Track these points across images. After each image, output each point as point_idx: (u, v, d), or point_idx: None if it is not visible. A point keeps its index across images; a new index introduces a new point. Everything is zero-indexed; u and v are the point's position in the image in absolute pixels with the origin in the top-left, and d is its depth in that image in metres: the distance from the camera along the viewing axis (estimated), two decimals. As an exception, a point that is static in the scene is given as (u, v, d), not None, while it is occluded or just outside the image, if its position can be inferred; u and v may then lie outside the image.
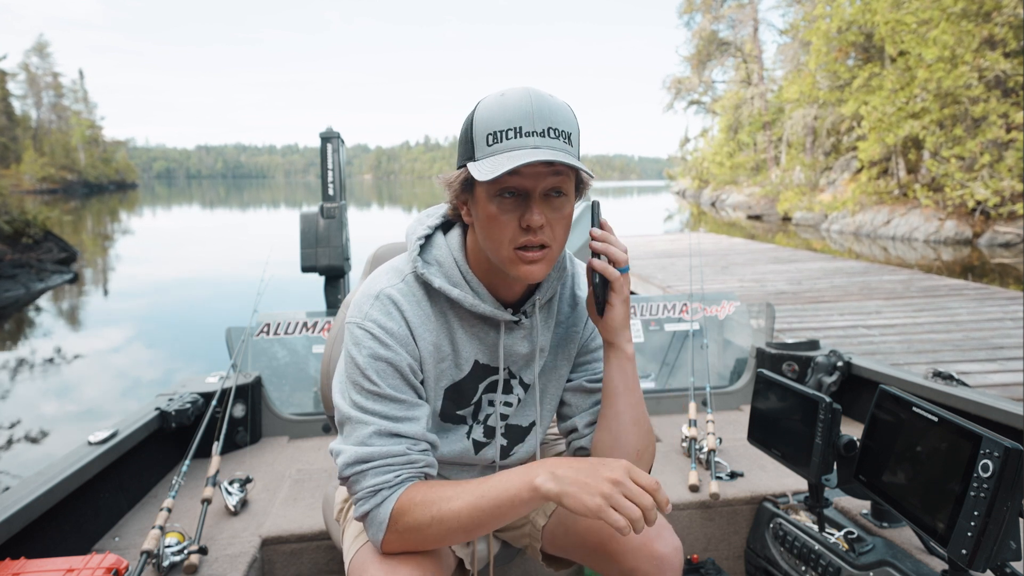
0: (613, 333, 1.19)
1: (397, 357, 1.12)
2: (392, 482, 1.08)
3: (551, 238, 1.08)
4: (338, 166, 3.85)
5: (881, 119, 18.54)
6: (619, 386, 1.20)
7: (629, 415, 1.20)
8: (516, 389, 1.29)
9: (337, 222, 3.85)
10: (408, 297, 1.16)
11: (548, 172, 1.04)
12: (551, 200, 1.07)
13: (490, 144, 1.04)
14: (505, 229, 1.06)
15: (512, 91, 1.06)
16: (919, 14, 16.82)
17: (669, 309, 3.18)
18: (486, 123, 1.05)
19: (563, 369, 1.32)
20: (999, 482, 1.18)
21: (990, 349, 5.56)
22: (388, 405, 1.11)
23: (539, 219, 1.05)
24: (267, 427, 2.69)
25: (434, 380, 1.20)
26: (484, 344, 1.22)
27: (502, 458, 1.32)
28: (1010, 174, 15.73)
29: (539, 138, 1.03)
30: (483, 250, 1.14)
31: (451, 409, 1.24)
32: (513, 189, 1.05)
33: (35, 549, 1.59)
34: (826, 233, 21.12)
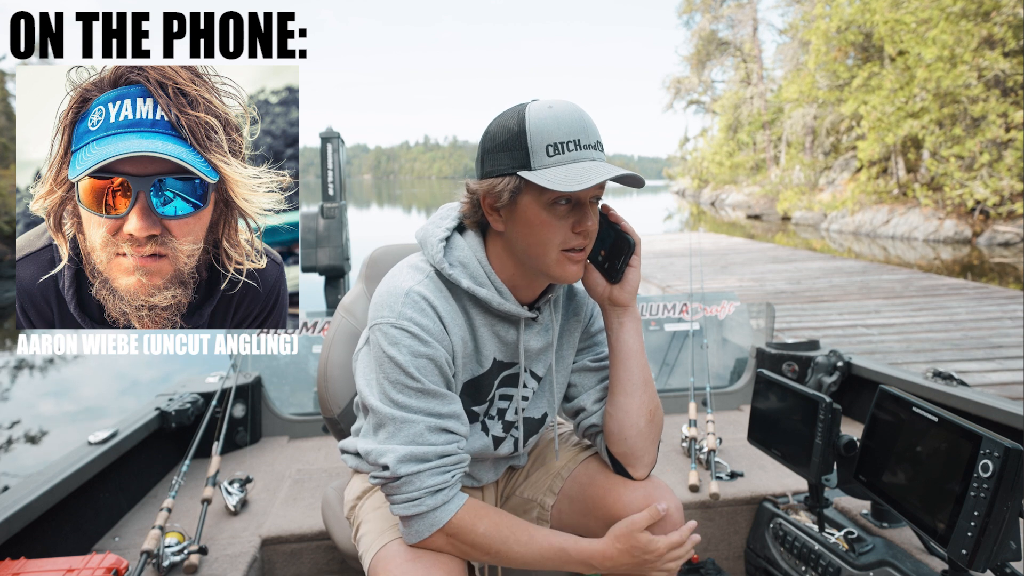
0: (631, 296, 1.26)
1: (436, 353, 1.15)
2: (451, 483, 1.14)
3: (590, 241, 1.18)
4: (338, 166, 3.85)
5: (880, 119, 18.54)
6: (634, 347, 1.27)
7: (640, 376, 1.27)
8: (529, 382, 1.34)
9: (337, 222, 3.85)
10: (436, 294, 1.19)
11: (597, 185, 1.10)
12: (593, 205, 1.16)
13: (551, 155, 1.09)
14: (557, 233, 1.13)
15: (559, 104, 1.12)
16: (918, 14, 16.82)
17: (669, 309, 3.18)
18: (544, 134, 1.09)
19: (569, 358, 1.38)
20: (999, 482, 1.18)
21: (989, 348, 5.56)
22: (432, 402, 1.15)
23: (594, 225, 1.15)
24: (267, 427, 2.69)
25: (458, 377, 1.24)
26: (503, 342, 1.27)
27: (516, 450, 1.37)
28: (1009, 173, 15.74)
29: (594, 151, 1.12)
30: (515, 256, 1.20)
31: (467, 405, 1.28)
32: (569, 197, 1.11)
33: (35, 549, 1.59)
34: (825, 233, 21.13)
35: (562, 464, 1.42)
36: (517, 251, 1.18)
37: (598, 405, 1.35)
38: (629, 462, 1.31)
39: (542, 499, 1.42)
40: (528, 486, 1.46)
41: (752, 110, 35.42)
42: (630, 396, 1.27)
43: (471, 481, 1.42)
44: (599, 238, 1.25)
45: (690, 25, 40.55)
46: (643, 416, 1.27)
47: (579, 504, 1.36)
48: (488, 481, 1.44)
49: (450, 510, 1.13)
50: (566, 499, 1.38)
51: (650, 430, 1.29)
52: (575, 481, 1.38)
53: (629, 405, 1.27)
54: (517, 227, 1.15)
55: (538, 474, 1.46)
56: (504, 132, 1.12)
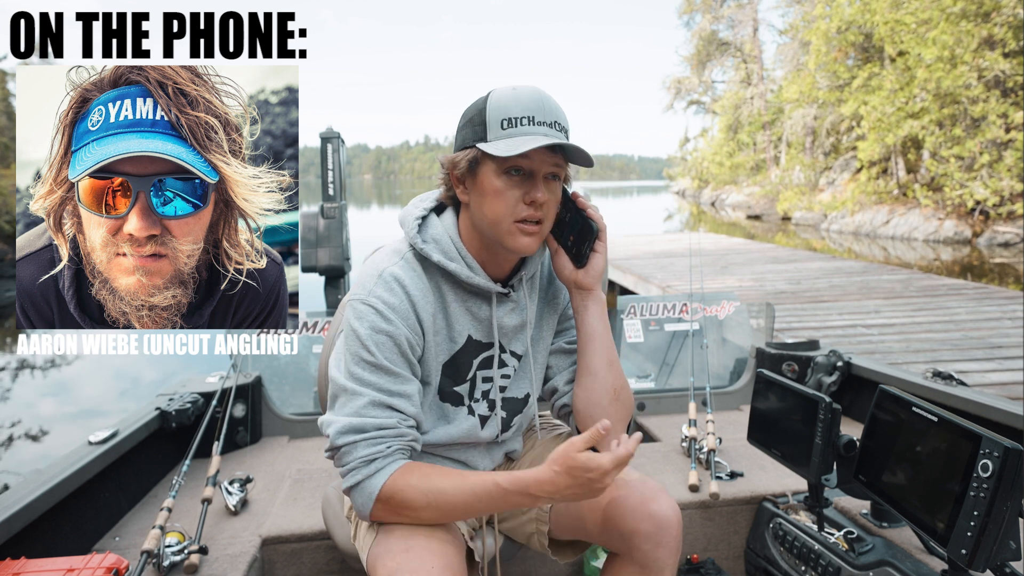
0: (596, 280, 1.32)
1: (397, 331, 1.20)
2: (384, 453, 1.17)
3: (546, 216, 1.22)
4: (338, 166, 3.85)
5: (880, 119, 18.53)
6: (598, 329, 1.33)
7: (605, 356, 1.32)
8: (509, 361, 1.38)
9: (337, 222, 3.85)
10: (409, 273, 1.25)
11: (552, 160, 1.19)
12: (549, 183, 1.21)
13: (504, 128, 1.17)
14: (509, 203, 1.19)
15: (523, 86, 1.21)
16: (918, 14, 16.81)
17: (669, 309, 3.18)
18: (501, 110, 1.18)
19: (548, 339, 1.43)
20: (999, 482, 1.18)
21: (988, 348, 5.56)
22: (384, 377, 1.19)
23: (543, 196, 1.19)
24: (267, 427, 2.69)
25: (433, 355, 1.28)
26: (476, 319, 1.32)
27: (504, 430, 1.40)
28: (1009, 174, 15.73)
29: (548, 128, 1.17)
30: (477, 228, 1.25)
31: (448, 386, 1.32)
32: (521, 168, 1.18)
33: (35, 549, 1.59)
34: (825, 233, 21.13)
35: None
36: (478, 222, 1.24)
37: (569, 386, 1.39)
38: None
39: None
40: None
41: (752, 110, 35.41)
42: (594, 376, 1.32)
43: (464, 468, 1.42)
44: (569, 223, 1.30)
45: (690, 25, 40.58)
46: (607, 395, 1.32)
47: (576, 510, 1.36)
48: (486, 468, 1.44)
49: (382, 477, 1.15)
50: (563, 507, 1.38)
51: (615, 408, 1.33)
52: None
53: (594, 384, 1.32)
54: (477, 197, 1.22)
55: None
56: (471, 110, 1.22)
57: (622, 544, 1.28)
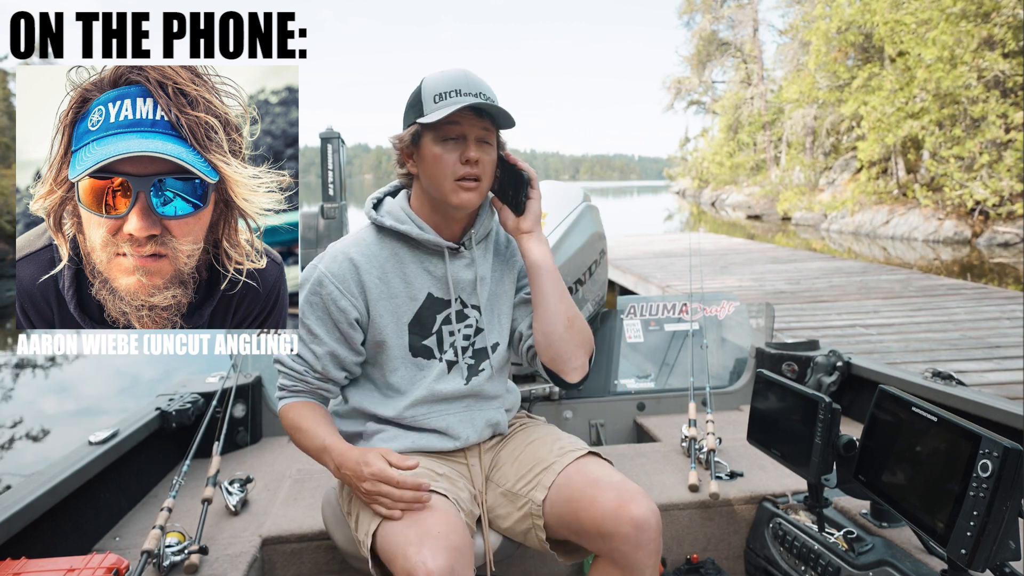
0: (534, 221, 1.46)
1: (327, 296, 1.42)
2: (289, 388, 1.48)
3: (483, 173, 1.39)
4: (338, 166, 3.85)
5: (880, 119, 18.53)
6: (543, 263, 1.45)
7: (553, 288, 1.45)
8: (471, 314, 1.52)
9: (337, 222, 3.86)
10: (359, 245, 1.46)
11: (480, 124, 1.37)
12: (482, 145, 1.38)
13: (436, 102, 1.36)
14: (448, 165, 1.37)
15: (450, 67, 1.41)
16: (918, 14, 16.80)
17: (668, 309, 3.18)
18: (432, 88, 1.37)
19: (508, 291, 1.57)
20: (998, 482, 1.18)
21: (987, 348, 5.56)
22: (305, 333, 1.45)
23: (475, 154, 1.36)
24: (267, 427, 2.69)
25: (392, 316, 1.45)
26: (433, 276, 1.48)
27: (472, 375, 1.53)
28: (1009, 174, 15.73)
29: (473, 97, 1.35)
30: (427, 194, 1.44)
31: (418, 341, 1.48)
32: (455, 135, 1.36)
33: (36, 549, 1.59)
34: (825, 233, 21.12)
35: (553, 459, 1.47)
36: (427, 187, 1.43)
37: (531, 329, 1.52)
38: (558, 367, 1.47)
39: (532, 494, 1.44)
40: (516, 478, 1.48)
41: (752, 110, 35.41)
42: (546, 306, 1.44)
43: (451, 441, 1.50)
44: (505, 180, 1.47)
45: (690, 25, 40.57)
46: (561, 322, 1.44)
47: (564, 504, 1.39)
48: (470, 440, 1.52)
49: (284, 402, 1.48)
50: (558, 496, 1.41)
51: (571, 335, 1.45)
52: (563, 479, 1.42)
53: (546, 314, 1.44)
54: (422, 165, 1.41)
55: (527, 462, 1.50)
56: (411, 96, 1.42)
57: (603, 546, 1.32)
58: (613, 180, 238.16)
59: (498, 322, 1.55)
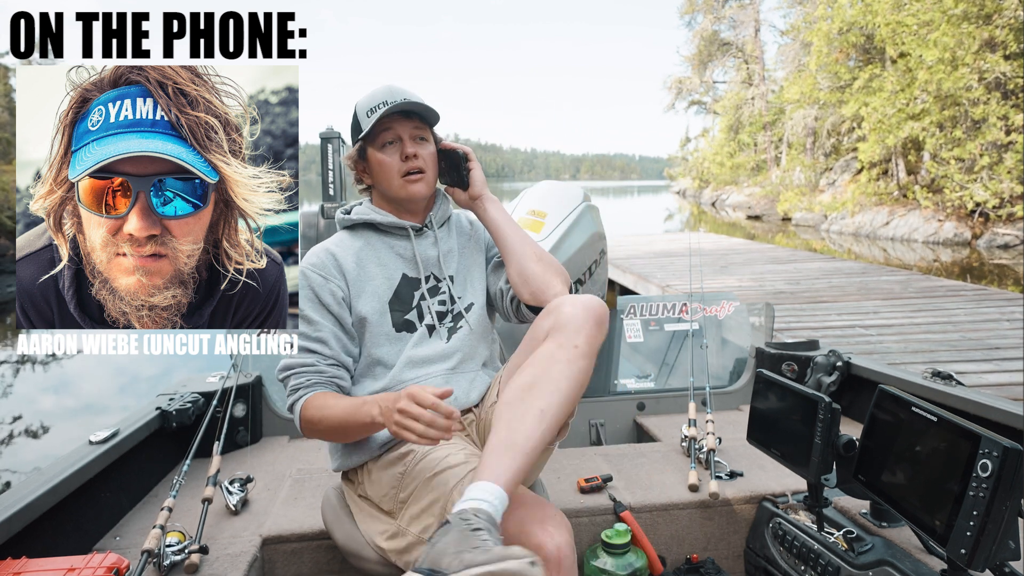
0: (482, 186, 1.65)
1: (314, 283, 1.55)
2: (304, 384, 1.51)
3: (425, 165, 1.57)
4: (338, 166, 3.85)
5: (881, 120, 18.51)
6: (500, 219, 1.62)
7: (514, 236, 1.60)
8: (443, 286, 1.65)
9: (337, 222, 3.85)
10: (333, 240, 1.64)
11: (410, 124, 1.57)
12: (418, 142, 1.58)
13: (369, 116, 1.54)
14: (392, 166, 1.56)
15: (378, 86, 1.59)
16: (920, 16, 16.79)
17: (668, 309, 3.18)
18: (363, 107, 1.56)
19: (476, 257, 1.73)
20: (998, 482, 1.18)
21: (987, 349, 5.56)
22: (306, 326, 1.54)
23: (412, 149, 1.55)
24: (267, 427, 2.69)
25: (373, 294, 1.58)
26: (404, 258, 1.63)
27: (452, 334, 1.63)
28: (1009, 176, 15.71)
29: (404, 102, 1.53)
30: (384, 196, 1.63)
31: (400, 317, 1.60)
32: (391, 139, 1.56)
33: (36, 548, 1.59)
34: (826, 234, 21.11)
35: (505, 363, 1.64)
36: (382, 191, 1.62)
37: (507, 284, 1.64)
38: (539, 298, 1.55)
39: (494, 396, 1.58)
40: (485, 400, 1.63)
41: (753, 111, 35.38)
42: (512, 249, 1.59)
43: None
44: (446, 164, 1.64)
45: (692, 26, 40.50)
46: (530, 259, 1.57)
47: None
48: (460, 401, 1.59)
49: (301, 401, 1.49)
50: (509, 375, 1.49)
51: (542, 267, 1.57)
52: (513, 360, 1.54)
53: (515, 256, 1.58)
54: (374, 173, 1.61)
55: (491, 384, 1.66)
56: (351, 122, 1.62)
57: None
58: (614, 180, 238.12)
59: (471, 286, 1.69)
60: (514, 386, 1.31)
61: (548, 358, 1.31)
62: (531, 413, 1.25)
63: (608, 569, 1.79)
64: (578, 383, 1.33)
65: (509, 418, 1.26)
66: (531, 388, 1.28)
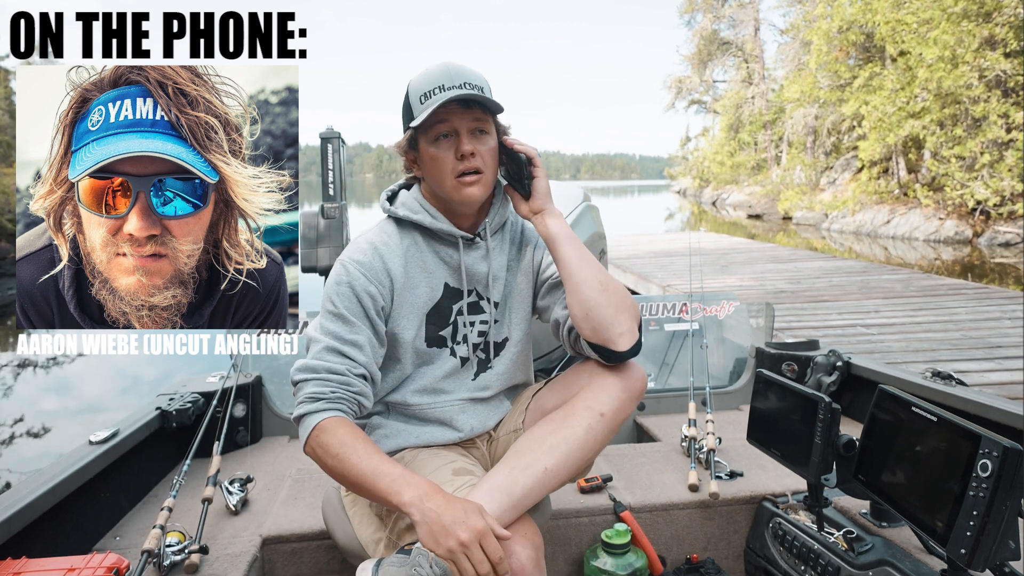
0: (544, 199, 1.43)
1: (356, 282, 1.35)
2: (328, 395, 1.30)
3: (483, 164, 1.35)
4: (338, 166, 3.85)
5: (882, 119, 18.50)
6: (561, 235, 1.40)
7: (578, 256, 1.38)
8: (487, 308, 1.48)
9: (337, 222, 3.85)
10: (380, 236, 1.42)
11: (470, 115, 1.33)
12: (477, 136, 1.35)
13: (422, 102, 1.32)
14: (446, 163, 1.34)
15: (433, 64, 1.36)
16: (920, 14, 16.78)
17: (669, 309, 3.18)
18: (417, 90, 1.34)
19: (523, 286, 1.53)
20: (998, 482, 1.18)
21: (988, 348, 5.56)
22: (341, 326, 1.33)
23: (469, 147, 1.33)
24: (267, 427, 2.69)
25: (413, 306, 1.42)
26: (450, 267, 1.45)
27: (481, 371, 1.50)
28: (1010, 174, 15.71)
29: (458, 89, 1.30)
30: (435, 193, 1.42)
31: (433, 332, 1.45)
32: (446, 132, 1.33)
33: (36, 548, 1.59)
34: (826, 232, 21.10)
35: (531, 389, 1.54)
36: (433, 187, 1.41)
37: (566, 310, 1.43)
38: (602, 336, 1.35)
39: (515, 423, 1.49)
40: (506, 423, 1.54)
41: (753, 110, 35.37)
42: (573, 274, 1.37)
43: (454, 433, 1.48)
44: (510, 166, 1.44)
45: (691, 25, 40.48)
46: (594, 288, 1.35)
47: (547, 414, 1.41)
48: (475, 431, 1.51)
49: (321, 416, 1.27)
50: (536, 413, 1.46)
51: (608, 299, 1.35)
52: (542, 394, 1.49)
53: (576, 283, 1.36)
54: (424, 167, 1.40)
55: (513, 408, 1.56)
56: (403, 102, 1.40)
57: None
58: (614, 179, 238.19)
59: (513, 316, 1.52)
60: (532, 436, 1.34)
61: (572, 417, 1.34)
62: (536, 468, 1.28)
63: (608, 569, 1.79)
64: (593, 451, 1.36)
65: (515, 465, 1.28)
66: (544, 442, 1.31)
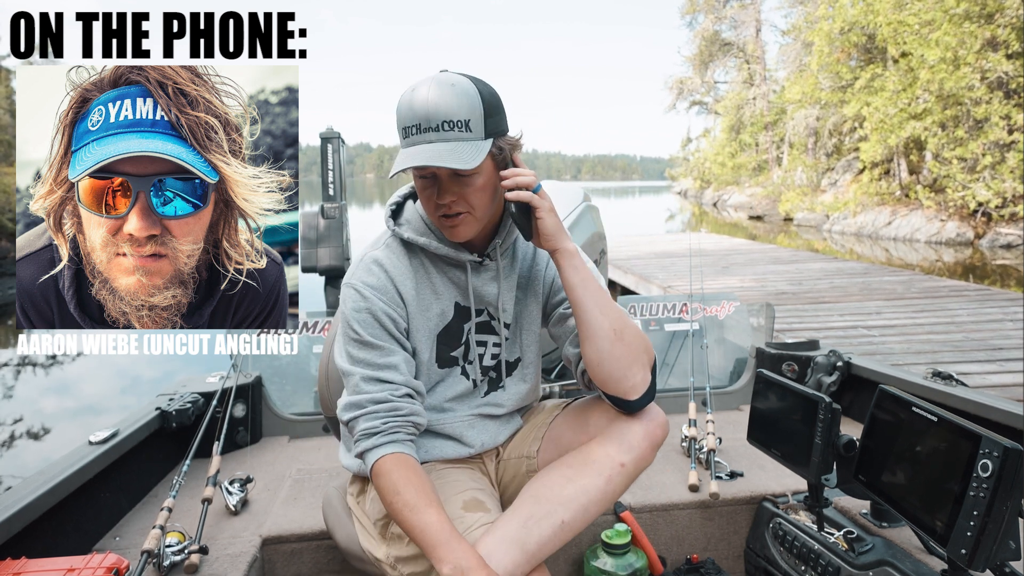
0: (552, 239, 1.32)
1: (374, 305, 1.29)
2: (381, 429, 1.25)
3: (467, 207, 1.27)
4: (338, 166, 3.85)
5: (883, 120, 18.49)
6: (574, 279, 1.31)
7: (592, 301, 1.30)
8: (499, 329, 1.44)
9: (337, 222, 3.85)
10: (388, 255, 1.35)
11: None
12: (460, 179, 1.24)
13: (403, 139, 1.24)
14: (430, 201, 1.27)
15: (420, 86, 1.22)
16: (921, 15, 16.78)
17: (669, 309, 3.17)
18: (400, 119, 1.24)
19: (533, 306, 1.48)
20: (998, 482, 1.18)
21: (989, 350, 5.55)
22: (370, 352, 1.29)
23: (446, 199, 1.25)
24: (267, 427, 2.69)
25: (425, 329, 1.37)
26: (459, 288, 1.40)
27: (492, 389, 1.47)
28: (1012, 175, 15.69)
29: (435, 132, 1.20)
30: None
31: (445, 352, 1.41)
32: (427, 173, 1.25)
33: (36, 549, 1.59)
34: (827, 234, 21.10)
35: (547, 413, 1.50)
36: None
37: (578, 350, 1.40)
38: (612, 388, 1.33)
39: (528, 450, 1.46)
40: (516, 444, 1.50)
41: (755, 111, 35.37)
42: (589, 326, 1.30)
43: (464, 448, 1.45)
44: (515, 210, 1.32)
45: (693, 26, 40.49)
46: (607, 338, 1.29)
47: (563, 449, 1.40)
48: (486, 446, 1.48)
49: (380, 452, 1.24)
50: (551, 444, 1.43)
51: (621, 349, 1.30)
52: (559, 424, 1.44)
53: (589, 332, 1.30)
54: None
55: (525, 429, 1.52)
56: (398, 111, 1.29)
57: None
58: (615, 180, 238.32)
59: (523, 338, 1.48)
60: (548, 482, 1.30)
61: (590, 466, 1.31)
62: (552, 521, 1.25)
63: (608, 569, 1.79)
64: (611, 502, 1.34)
65: (530, 514, 1.24)
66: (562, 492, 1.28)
